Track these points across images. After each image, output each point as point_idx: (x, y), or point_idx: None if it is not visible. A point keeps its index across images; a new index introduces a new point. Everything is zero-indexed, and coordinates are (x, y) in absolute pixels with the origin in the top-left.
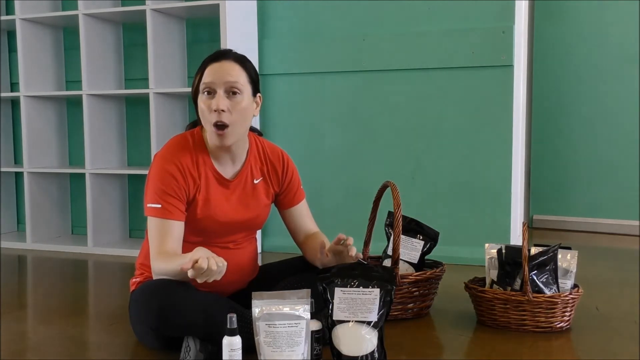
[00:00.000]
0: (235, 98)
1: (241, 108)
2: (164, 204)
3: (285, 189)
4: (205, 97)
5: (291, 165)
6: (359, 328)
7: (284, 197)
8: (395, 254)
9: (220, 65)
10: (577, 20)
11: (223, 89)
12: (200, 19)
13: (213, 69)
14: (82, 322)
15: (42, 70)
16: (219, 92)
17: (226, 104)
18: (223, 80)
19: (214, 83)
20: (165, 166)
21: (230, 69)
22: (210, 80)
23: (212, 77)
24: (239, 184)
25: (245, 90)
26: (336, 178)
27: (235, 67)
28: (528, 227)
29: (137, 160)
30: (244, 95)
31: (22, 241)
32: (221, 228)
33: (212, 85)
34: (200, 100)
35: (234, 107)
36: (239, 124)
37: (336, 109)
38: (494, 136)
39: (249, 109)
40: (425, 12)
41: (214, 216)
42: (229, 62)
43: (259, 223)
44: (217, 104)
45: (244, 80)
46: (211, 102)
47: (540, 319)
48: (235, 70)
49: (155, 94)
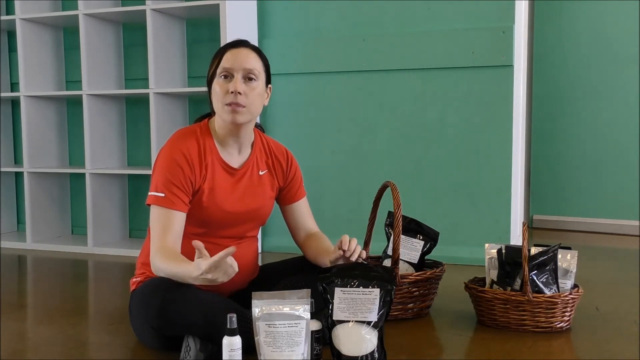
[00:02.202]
0: (251, 83)
1: (256, 93)
2: (168, 193)
3: (289, 184)
4: (222, 80)
5: (295, 162)
6: (359, 328)
7: (287, 192)
8: (395, 254)
9: (238, 52)
10: (577, 20)
11: (241, 74)
12: (200, 19)
13: (232, 55)
14: (82, 322)
15: (42, 70)
16: (237, 76)
17: (243, 87)
18: (242, 66)
19: (233, 68)
20: (173, 155)
21: (248, 56)
22: (230, 65)
23: (231, 62)
24: (245, 173)
25: (261, 77)
26: (336, 178)
27: (253, 55)
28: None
29: (137, 160)
30: (259, 82)
31: (22, 241)
32: (226, 218)
33: (231, 70)
34: (216, 83)
35: (249, 91)
36: (253, 107)
37: (336, 109)
38: (494, 136)
39: (262, 96)
40: (425, 12)
41: (220, 204)
42: (247, 50)
43: (263, 215)
44: (235, 86)
45: (260, 68)
46: (228, 85)
47: (540, 319)
48: (253, 58)
49: (155, 94)
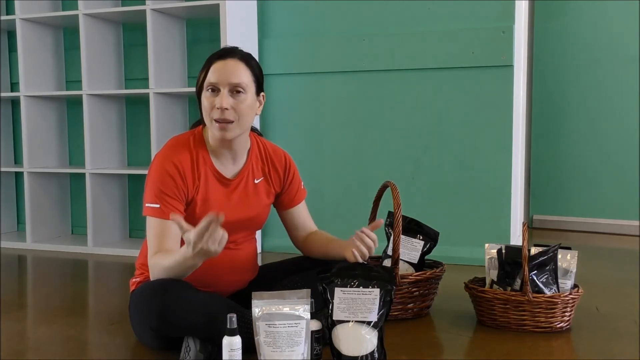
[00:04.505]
0: (239, 97)
1: (244, 106)
2: (162, 204)
3: (287, 189)
4: (209, 94)
5: (293, 166)
6: (359, 328)
7: (285, 197)
8: (395, 254)
9: (225, 64)
10: (577, 20)
11: (227, 89)
12: (200, 19)
13: (218, 68)
14: (82, 322)
15: (42, 70)
16: (224, 91)
17: (230, 102)
18: (227, 81)
19: (218, 82)
20: (164, 166)
21: (234, 68)
22: (215, 80)
23: (216, 76)
24: (239, 183)
25: (249, 89)
26: (336, 178)
27: (240, 66)
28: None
29: (137, 160)
30: (247, 94)
31: (22, 241)
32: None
33: (217, 85)
34: (204, 97)
35: (237, 105)
36: (242, 121)
37: (336, 109)
38: (494, 136)
39: (252, 107)
40: (425, 12)
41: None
42: (234, 61)
43: (259, 223)
44: (221, 103)
45: (249, 79)
46: (215, 100)
47: (540, 319)
48: (240, 70)
49: (155, 94)
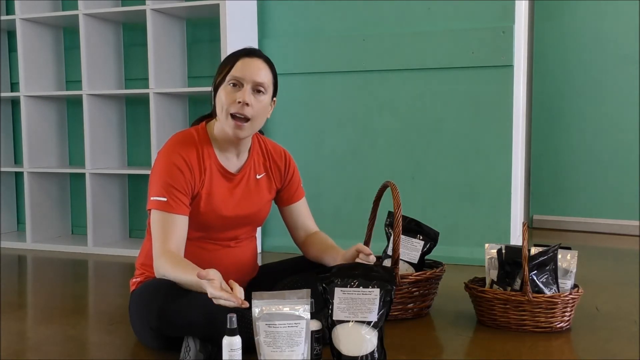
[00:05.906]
0: (259, 96)
1: (261, 107)
2: (169, 197)
3: (287, 185)
4: (230, 88)
5: (293, 163)
6: (358, 328)
7: (285, 193)
8: (395, 254)
9: (252, 62)
10: (577, 20)
11: (251, 85)
12: (200, 19)
13: (245, 64)
14: (82, 322)
15: (42, 70)
16: (247, 87)
17: (251, 99)
18: (253, 78)
19: (244, 78)
20: (172, 159)
21: (261, 67)
22: (241, 75)
23: (243, 71)
24: (242, 178)
25: (269, 91)
26: (336, 178)
27: (266, 68)
28: (528, 227)
29: (137, 160)
30: (266, 96)
31: (22, 241)
32: (223, 222)
33: (241, 80)
34: (223, 90)
35: (256, 104)
36: (257, 121)
37: (336, 109)
38: (494, 136)
39: (266, 109)
40: (425, 12)
41: (217, 210)
42: (259, 61)
43: (261, 218)
44: (243, 97)
45: (270, 81)
46: (236, 94)
47: (540, 319)
48: (265, 70)
49: (155, 94)
